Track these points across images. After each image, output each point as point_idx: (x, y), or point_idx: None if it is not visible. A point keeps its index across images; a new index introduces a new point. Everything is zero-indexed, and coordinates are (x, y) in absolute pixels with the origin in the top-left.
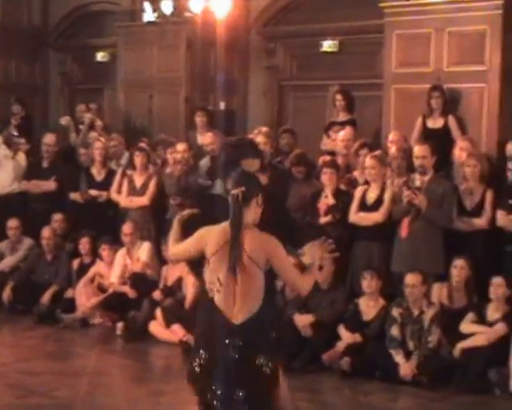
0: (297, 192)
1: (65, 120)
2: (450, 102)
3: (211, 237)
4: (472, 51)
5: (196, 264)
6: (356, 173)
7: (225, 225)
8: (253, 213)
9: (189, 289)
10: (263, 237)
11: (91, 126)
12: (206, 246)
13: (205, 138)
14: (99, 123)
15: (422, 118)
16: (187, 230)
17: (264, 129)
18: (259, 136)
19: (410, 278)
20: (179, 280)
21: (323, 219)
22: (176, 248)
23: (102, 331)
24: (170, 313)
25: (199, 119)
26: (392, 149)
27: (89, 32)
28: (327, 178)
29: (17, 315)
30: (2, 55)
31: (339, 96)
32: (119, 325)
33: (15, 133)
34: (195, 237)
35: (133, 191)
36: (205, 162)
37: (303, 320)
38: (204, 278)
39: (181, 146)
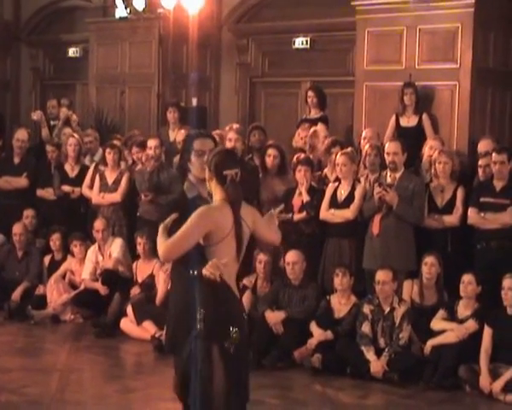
0: (270, 186)
1: (36, 115)
2: (423, 100)
3: (219, 219)
4: (443, 49)
5: None
6: (326, 171)
7: (221, 205)
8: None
9: (161, 285)
10: (249, 210)
11: (66, 122)
12: (218, 230)
13: (178, 135)
14: (75, 118)
15: (396, 116)
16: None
17: (236, 125)
18: (231, 132)
19: (381, 275)
20: (151, 277)
21: (297, 216)
22: (170, 246)
23: (73, 328)
24: (141, 310)
25: (171, 115)
26: (366, 146)
27: (61, 27)
28: (301, 175)
29: None
30: None
31: (311, 93)
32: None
33: None
34: (202, 222)
35: (105, 188)
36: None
37: (274, 317)
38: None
39: (153, 142)
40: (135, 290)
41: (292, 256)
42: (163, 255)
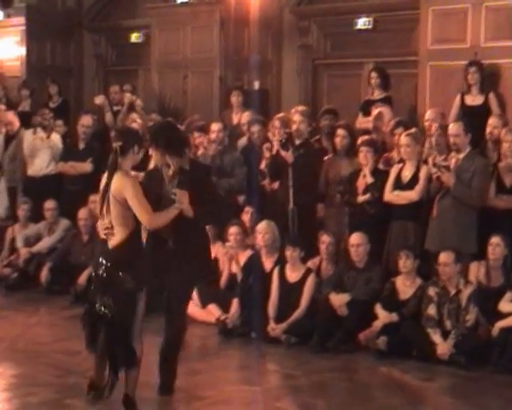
0: (337, 167)
1: (99, 99)
2: (489, 79)
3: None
4: (509, 26)
5: None
6: (394, 153)
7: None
8: (129, 160)
9: (224, 268)
10: (122, 180)
11: (131, 107)
12: None
13: (243, 117)
14: (139, 103)
15: (461, 95)
16: None
17: (301, 107)
18: (296, 114)
19: (442, 257)
20: (215, 260)
21: (361, 198)
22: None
23: None
24: (205, 293)
25: (234, 98)
26: (432, 127)
27: (122, 13)
28: (364, 156)
29: (54, 295)
30: (37, 38)
31: (374, 74)
32: None
33: (51, 115)
34: None
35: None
36: (243, 142)
37: (338, 300)
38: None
39: (216, 126)
40: None
41: (356, 238)
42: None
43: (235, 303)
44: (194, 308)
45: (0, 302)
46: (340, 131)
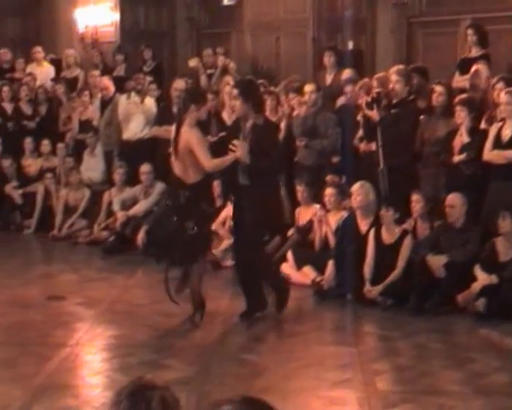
0: (433, 128)
1: (193, 62)
2: None
3: None
4: None
5: None
6: (498, 111)
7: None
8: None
9: (318, 230)
10: (186, 133)
11: (224, 70)
12: None
13: (344, 74)
14: (232, 66)
15: None
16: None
17: (398, 67)
18: (393, 74)
19: None
20: (310, 222)
21: (457, 158)
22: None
23: (234, 274)
24: (300, 255)
25: (327, 59)
26: None
27: None
28: (461, 115)
29: (150, 258)
30: (131, 2)
31: (470, 31)
32: None
33: (149, 78)
34: None
35: None
36: (341, 102)
37: (436, 261)
38: None
39: (309, 87)
40: (291, 233)
41: (452, 199)
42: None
43: (330, 265)
44: (289, 270)
45: (98, 265)
46: (438, 88)
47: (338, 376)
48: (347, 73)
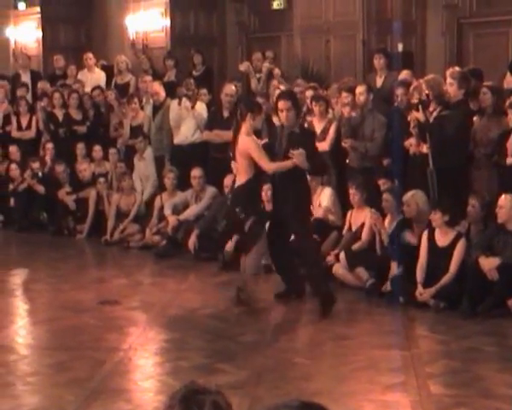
0: (484, 128)
1: (244, 66)
2: None
3: None
4: None
5: None
6: None
7: None
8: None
9: (367, 233)
10: (243, 140)
11: (269, 76)
12: None
13: (401, 75)
14: (277, 71)
15: None
16: None
17: (453, 69)
18: (448, 77)
19: None
20: (363, 225)
21: (511, 159)
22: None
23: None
24: (354, 257)
25: (377, 61)
26: None
27: None
28: None
29: (202, 262)
30: (181, 8)
31: None
32: None
33: (197, 85)
34: None
35: None
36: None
37: (488, 263)
38: None
39: (359, 88)
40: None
41: (502, 200)
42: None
43: (393, 267)
44: (342, 271)
45: (150, 269)
46: (484, 91)
47: (390, 379)
48: (403, 75)
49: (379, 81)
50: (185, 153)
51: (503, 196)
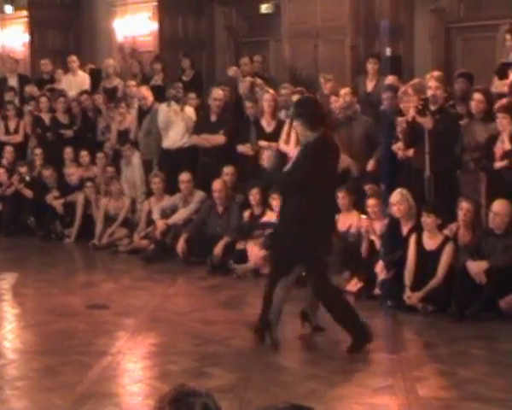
0: (472, 133)
1: (232, 71)
2: None
3: None
4: None
5: None
6: None
7: None
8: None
9: (366, 238)
10: None
11: (252, 87)
12: None
13: (387, 80)
14: (259, 81)
15: None
16: None
17: (436, 73)
18: (431, 80)
19: None
20: (349, 228)
21: (499, 164)
22: None
23: None
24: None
25: (370, 66)
26: None
27: None
28: (503, 123)
29: (191, 266)
30: (169, 12)
31: (509, 36)
32: None
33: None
34: None
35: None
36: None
37: (476, 267)
38: None
39: (343, 90)
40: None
41: (499, 207)
42: None
43: (380, 269)
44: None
45: (138, 274)
46: (477, 96)
47: (379, 383)
48: (389, 80)
49: (370, 85)
50: (174, 157)
51: (497, 202)
